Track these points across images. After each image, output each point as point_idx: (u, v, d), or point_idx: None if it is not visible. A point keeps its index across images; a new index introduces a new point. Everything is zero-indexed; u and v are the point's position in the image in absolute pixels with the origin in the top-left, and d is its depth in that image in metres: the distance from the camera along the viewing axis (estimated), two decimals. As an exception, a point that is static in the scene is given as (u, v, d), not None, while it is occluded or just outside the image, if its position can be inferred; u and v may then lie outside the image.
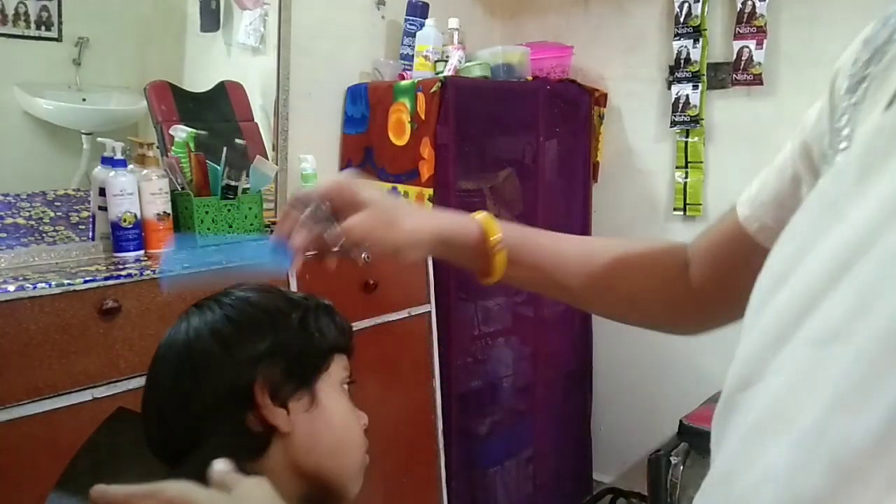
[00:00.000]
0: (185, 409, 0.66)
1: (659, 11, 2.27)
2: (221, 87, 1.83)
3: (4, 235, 1.41)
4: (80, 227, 1.51)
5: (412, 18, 2.13)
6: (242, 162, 1.63)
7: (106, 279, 1.22)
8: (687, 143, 2.25)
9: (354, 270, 1.63)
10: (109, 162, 1.47)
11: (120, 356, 1.22)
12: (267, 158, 1.76)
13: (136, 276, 1.26)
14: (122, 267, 1.32)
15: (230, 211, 1.62)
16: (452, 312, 1.91)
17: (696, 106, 2.19)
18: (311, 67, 2.00)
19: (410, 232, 0.69)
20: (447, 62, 2.00)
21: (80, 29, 1.56)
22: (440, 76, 1.94)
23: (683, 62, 2.20)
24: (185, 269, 1.08)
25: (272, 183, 1.83)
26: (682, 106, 2.22)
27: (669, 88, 2.25)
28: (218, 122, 1.79)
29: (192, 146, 1.61)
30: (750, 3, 2.05)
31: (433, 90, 1.84)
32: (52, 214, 1.48)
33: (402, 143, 1.93)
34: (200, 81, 1.81)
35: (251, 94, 1.88)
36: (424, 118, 1.87)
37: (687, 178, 2.26)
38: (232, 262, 0.63)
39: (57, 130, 1.59)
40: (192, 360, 0.66)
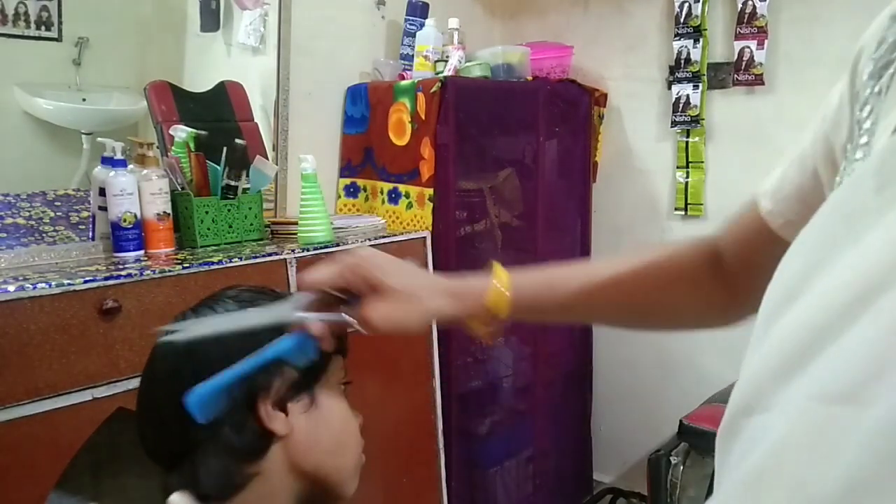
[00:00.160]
0: (183, 410, 0.65)
1: (659, 11, 2.27)
2: (221, 87, 1.83)
3: (4, 235, 1.40)
4: (80, 227, 1.51)
5: (412, 18, 2.13)
6: (242, 162, 1.63)
7: (106, 279, 1.22)
8: (688, 143, 2.25)
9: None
10: (109, 162, 1.47)
11: (120, 356, 1.22)
12: (267, 158, 1.76)
13: (136, 276, 1.25)
14: (122, 267, 1.32)
15: (230, 211, 1.62)
16: (452, 312, 1.90)
17: (696, 106, 2.19)
18: (311, 67, 2.00)
19: (432, 313, 0.69)
20: (447, 62, 2.00)
21: (80, 29, 1.56)
22: (440, 76, 1.94)
23: (684, 62, 2.20)
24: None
25: (272, 183, 1.83)
26: (682, 106, 2.22)
27: (670, 88, 2.25)
28: (218, 122, 1.79)
29: (192, 146, 1.61)
30: (750, 3, 2.05)
31: (433, 90, 1.84)
32: (52, 214, 1.48)
33: (402, 143, 1.93)
34: (200, 81, 1.81)
35: (251, 94, 1.88)
36: (424, 118, 1.87)
37: (688, 177, 2.26)
38: (257, 355, 0.64)
39: (57, 130, 1.58)
40: (191, 362, 0.65)
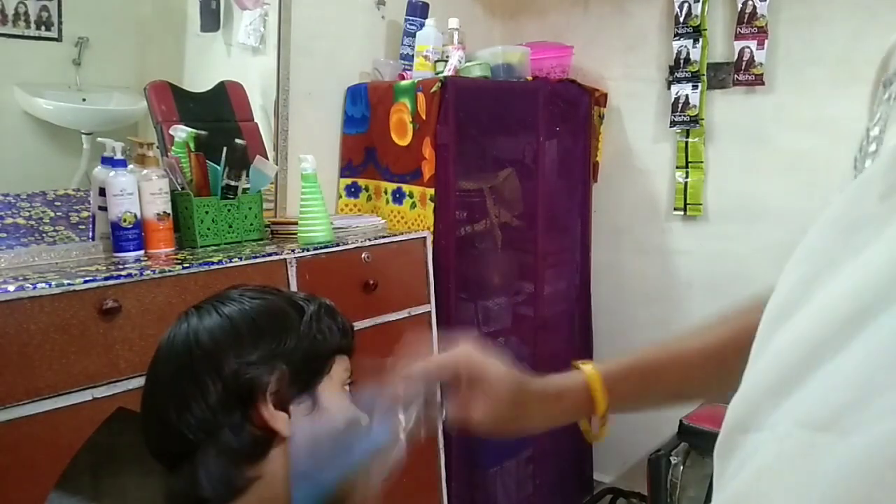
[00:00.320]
0: (186, 411, 0.65)
1: (659, 11, 2.27)
2: (221, 87, 1.83)
3: (4, 235, 1.40)
4: (80, 227, 1.51)
5: (412, 18, 2.13)
6: (242, 162, 1.63)
7: (106, 279, 1.22)
8: (687, 142, 2.25)
9: (355, 270, 1.63)
10: (109, 162, 1.47)
11: (120, 356, 1.22)
12: (267, 158, 1.76)
13: (136, 276, 1.25)
14: (122, 267, 1.32)
15: (230, 211, 1.62)
16: (452, 312, 1.91)
17: (695, 106, 2.19)
18: (311, 67, 2.00)
19: (531, 430, 0.69)
20: (447, 62, 2.00)
21: (80, 29, 1.56)
22: (440, 76, 1.94)
23: (683, 62, 2.20)
24: None
25: (272, 183, 1.83)
26: (681, 106, 2.22)
27: (669, 88, 2.25)
28: (218, 122, 1.79)
29: (192, 146, 1.61)
30: (750, 3, 2.05)
31: (433, 90, 1.84)
32: (52, 214, 1.48)
33: (404, 143, 1.93)
34: (200, 81, 1.80)
35: (251, 94, 1.88)
36: (425, 118, 1.87)
37: (687, 177, 2.26)
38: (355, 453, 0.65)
39: (57, 130, 1.58)
40: (193, 362, 0.65)
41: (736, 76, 2.12)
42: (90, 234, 1.51)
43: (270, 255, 1.48)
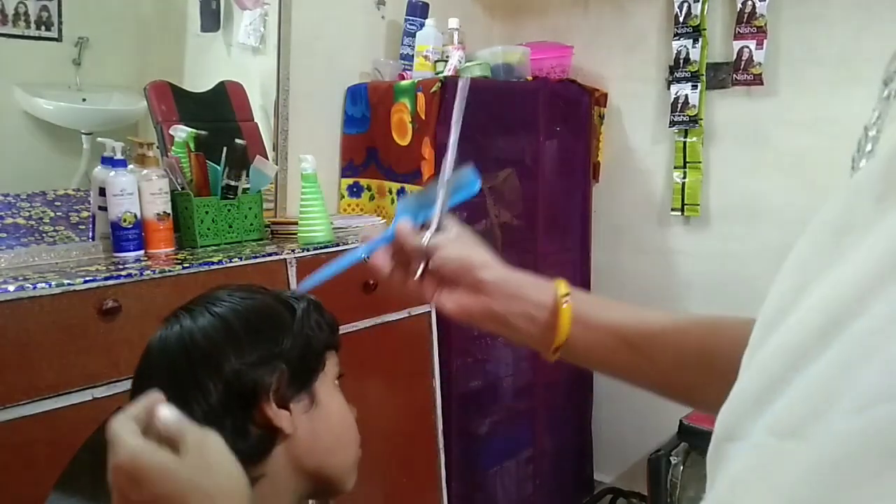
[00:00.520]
0: (186, 413, 0.64)
1: (659, 11, 2.27)
2: (221, 87, 1.83)
3: (4, 235, 1.40)
4: (80, 227, 1.51)
5: (412, 18, 2.13)
6: (242, 162, 1.63)
7: (106, 279, 1.22)
8: (685, 142, 2.25)
9: (355, 270, 1.63)
10: (109, 162, 1.47)
11: (120, 356, 1.22)
12: (267, 158, 1.76)
13: (136, 276, 1.26)
14: (122, 267, 1.32)
15: (230, 211, 1.62)
16: (452, 312, 1.91)
17: (695, 106, 2.19)
18: (311, 67, 2.00)
19: (491, 265, 0.67)
20: (447, 62, 2.01)
21: (80, 29, 1.56)
22: (440, 76, 1.94)
23: (683, 62, 2.20)
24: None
25: (272, 183, 1.83)
26: (681, 106, 2.22)
27: (669, 88, 2.25)
28: (218, 122, 1.79)
29: (192, 146, 1.61)
30: (750, 3, 2.05)
31: (433, 90, 1.84)
32: (52, 214, 1.48)
33: (405, 143, 1.93)
34: (200, 81, 1.80)
35: (251, 94, 1.88)
36: (425, 118, 1.87)
37: (685, 178, 2.26)
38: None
39: (57, 130, 1.58)
40: (192, 364, 0.65)
41: (735, 76, 2.12)
42: (90, 234, 1.51)
43: (270, 255, 1.48)
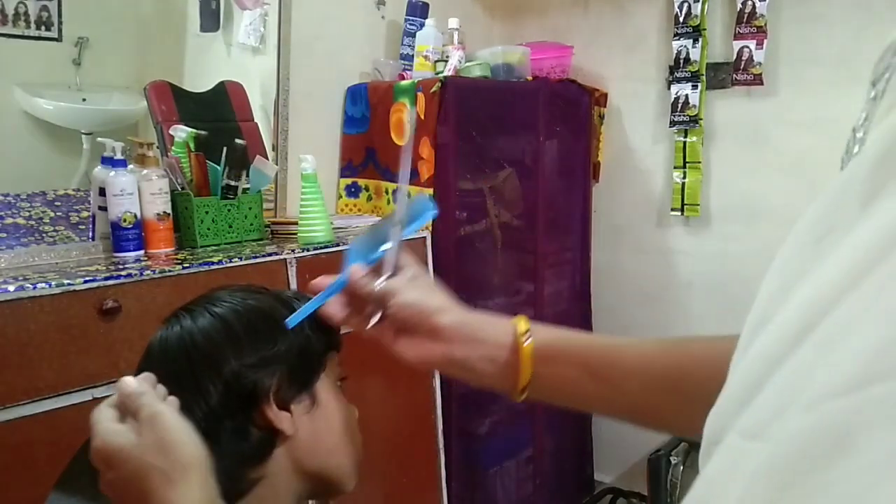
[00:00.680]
0: (187, 415, 0.64)
1: (659, 11, 2.27)
2: (221, 87, 1.83)
3: (4, 235, 1.40)
4: (80, 227, 1.51)
5: (412, 18, 2.13)
6: (242, 162, 1.63)
7: (106, 279, 1.22)
8: (685, 142, 2.25)
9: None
10: (109, 162, 1.47)
11: (120, 356, 1.22)
12: (267, 158, 1.76)
13: (136, 276, 1.25)
14: (122, 267, 1.32)
15: (230, 211, 1.62)
16: (452, 312, 1.91)
17: (695, 106, 2.19)
18: (311, 67, 2.00)
19: (448, 308, 0.68)
20: (447, 62, 2.01)
21: (80, 29, 1.56)
22: (440, 76, 1.94)
23: (683, 62, 2.20)
24: None
25: (272, 183, 1.83)
26: (681, 106, 2.22)
27: (669, 88, 2.25)
28: (218, 122, 1.79)
29: (192, 146, 1.61)
30: (750, 3, 2.05)
31: (433, 90, 1.84)
32: (52, 214, 1.48)
33: (403, 143, 1.93)
34: (200, 81, 1.80)
35: (251, 94, 1.88)
36: (424, 118, 1.87)
37: (685, 178, 2.26)
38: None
39: (57, 130, 1.58)
40: (192, 365, 0.65)
41: (735, 76, 2.12)
42: (90, 234, 1.51)
43: (270, 255, 1.48)
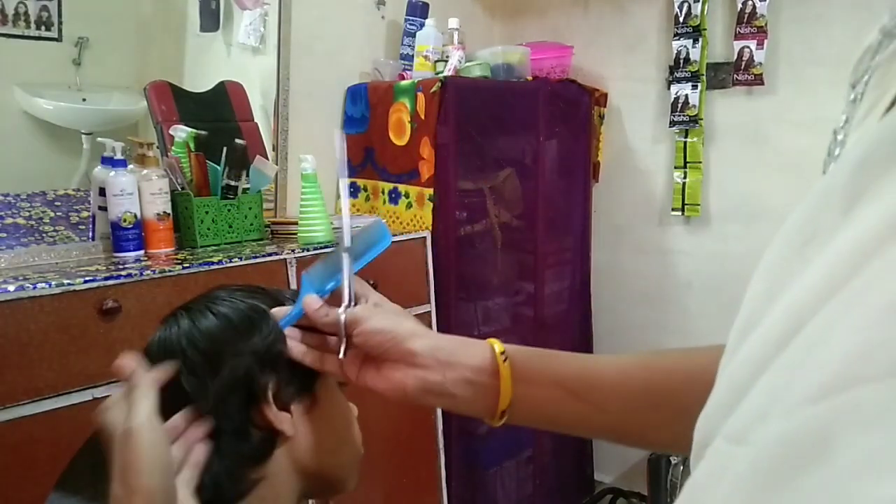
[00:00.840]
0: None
1: (659, 11, 2.27)
2: (221, 87, 1.83)
3: (4, 235, 1.41)
4: (80, 227, 1.51)
5: (412, 18, 2.13)
6: (242, 162, 1.63)
7: (106, 279, 1.22)
8: (686, 142, 2.25)
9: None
10: (109, 162, 1.47)
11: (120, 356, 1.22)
12: (267, 158, 1.77)
13: (136, 276, 1.25)
14: (122, 267, 1.32)
15: (230, 211, 1.62)
16: (452, 312, 1.91)
17: (695, 106, 2.19)
18: (311, 67, 2.00)
19: (420, 333, 0.65)
20: (447, 62, 2.01)
21: (80, 29, 1.56)
22: (440, 76, 1.94)
23: (683, 62, 2.20)
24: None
25: (272, 183, 1.83)
26: (681, 106, 2.22)
27: (669, 88, 2.25)
28: (218, 122, 1.79)
29: (192, 146, 1.61)
30: (750, 3, 2.05)
31: (433, 90, 1.84)
32: (52, 214, 1.48)
33: (402, 143, 1.93)
34: (200, 81, 1.81)
35: (251, 94, 1.88)
36: (424, 118, 1.87)
37: (685, 178, 2.26)
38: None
39: (57, 130, 1.58)
40: (191, 366, 0.64)
41: (735, 76, 2.12)
42: (90, 234, 1.51)
43: (270, 255, 1.48)
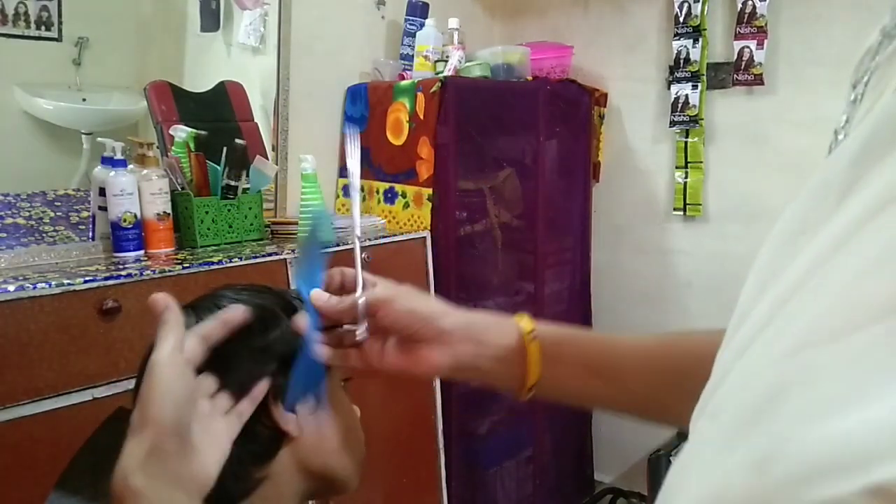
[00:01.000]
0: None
1: (659, 11, 2.27)
2: (221, 87, 1.83)
3: (4, 235, 1.40)
4: (80, 227, 1.51)
5: (412, 18, 2.13)
6: (242, 162, 1.63)
7: (106, 279, 1.22)
8: (686, 142, 2.25)
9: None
10: (109, 162, 1.47)
11: (120, 356, 1.22)
12: (267, 158, 1.77)
13: (136, 276, 1.26)
14: (122, 267, 1.32)
15: (230, 211, 1.62)
16: (452, 312, 1.91)
17: (695, 106, 2.19)
18: (311, 67, 2.00)
19: (449, 311, 0.64)
20: (447, 62, 2.00)
21: (80, 29, 1.56)
22: (440, 76, 1.94)
23: (683, 62, 2.20)
24: None
25: (272, 183, 1.83)
26: (681, 106, 2.22)
27: (669, 88, 2.25)
28: (218, 122, 1.79)
29: (192, 146, 1.61)
30: (750, 3, 2.05)
31: (433, 90, 1.84)
32: (52, 214, 1.48)
33: (399, 142, 1.93)
34: (200, 81, 1.81)
35: (251, 94, 1.88)
36: (424, 118, 1.87)
37: (686, 177, 2.26)
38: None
39: (57, 130, 1.58)
40: (200, 364, 0.64)
41: (735, 76, 2.12)
42: (90, 234, 1.51)
43: (270, 255, 1.48)
